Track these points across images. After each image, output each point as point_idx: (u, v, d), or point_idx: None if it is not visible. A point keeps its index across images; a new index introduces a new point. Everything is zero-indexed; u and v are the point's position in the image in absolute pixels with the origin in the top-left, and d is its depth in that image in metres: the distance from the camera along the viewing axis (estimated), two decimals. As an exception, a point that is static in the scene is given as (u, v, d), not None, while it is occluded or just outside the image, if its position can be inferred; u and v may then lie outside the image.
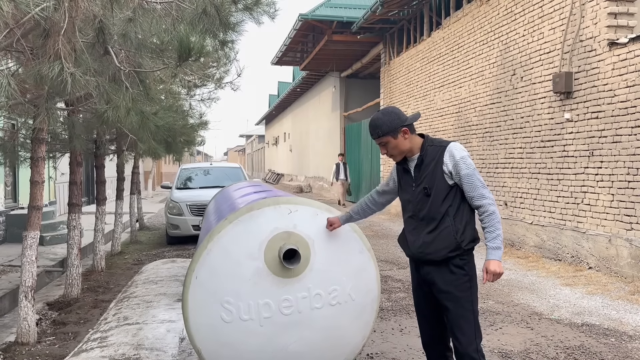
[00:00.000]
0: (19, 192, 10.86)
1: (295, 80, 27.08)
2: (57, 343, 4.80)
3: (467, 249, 2.81)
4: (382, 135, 2.89)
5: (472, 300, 2.83)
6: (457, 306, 2.82)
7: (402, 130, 2.88)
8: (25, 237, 4.80)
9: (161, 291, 5.81)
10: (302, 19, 16.48)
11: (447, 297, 2.84)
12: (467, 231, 2.82)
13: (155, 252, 9.65)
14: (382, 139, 2.90)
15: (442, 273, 2.84)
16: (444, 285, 2.84)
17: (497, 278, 2.74)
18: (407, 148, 2.92)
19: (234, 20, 3.48)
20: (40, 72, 2.95)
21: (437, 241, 2.81)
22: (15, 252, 8.49)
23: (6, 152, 6.71)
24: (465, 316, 2.81)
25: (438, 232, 2.82)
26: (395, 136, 2.88)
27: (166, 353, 4.02)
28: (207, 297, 3.15)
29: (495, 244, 2.75)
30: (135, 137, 5.46)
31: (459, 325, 2.81)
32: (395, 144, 2.90)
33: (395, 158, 2.98)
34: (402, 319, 5.16)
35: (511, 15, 9.13)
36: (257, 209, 3.26)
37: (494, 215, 2.79)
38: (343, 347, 3.43)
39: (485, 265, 2.76)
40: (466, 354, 2.78)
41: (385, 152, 2.96)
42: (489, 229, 2.78)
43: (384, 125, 2.88)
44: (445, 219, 2.81)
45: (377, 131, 2.90)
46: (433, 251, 2.83)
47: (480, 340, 2.85)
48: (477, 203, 2.81)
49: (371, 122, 2.96)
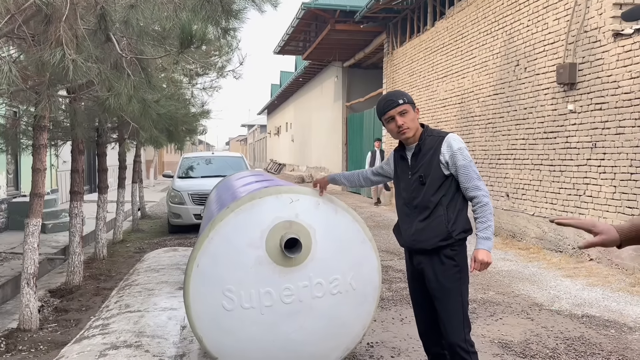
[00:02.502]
0: (20, 180, 10.87)
1: (298, 69, 26.99)
2: (59, 330, 4.83)
3: (458, 239, 2.84)
4: (406, 102, 2.92)
5: (462, 292, 2.87)
6: (446, 296, 2.85)
7: (417, 108, 2.97)
8: (27, 224, 4.81)
9: (163, 279, 5.83)
10: (305, 8, 16.40)
11: (437, 287, 2.87)
12: (459, 221, 2.85)
13: (157, 240, 9.67)
14: (405, 106, 2.91)
15: (433, 263, 2.87)
16: (434, 275, 2.88)
17: (485, 267, 2.78)
18: (416, 127, 2.96)
19: (237, 8, 3.46)
20: (41, 59, 2.94)
21: (429, 229, 2.84)
22: (17, 239, 8.52)
23: (8, 140, 6.71)
24: (454, 307, 2.85)
25: (430, 221, 2.85)
26: (414, 109, 2.95)
27: (167, 340, 4.04)
28: (209, 285, 3.16)
29: (486, 234, 2.78)
30: (137, 125, 5.45)
31: (448, 315, 2.85)
32: (413, 117, 2.94)
33: (409, 132, 2.93)
34: (403, 308, 5.17)
35: (515, 5, 9.06)
36: (259, 198, 3.26)
37: (487, 207, 2.81)
38: (343, 336, 3.45)
39: (474, 254, 2.80)
40: (454, 343, 2.83)
41: (401, 124, 2.90)
42: (480, 219, 2.81)
43: (407, 95, 2.95)
44: (438, 208, 2.84)
45: (403, 98, 2.93)
46: (425, 239, 2.86)
47: (468, 330, 2.89)
48: (472, 194, 2.84)
49: (392, 93, 2.99)
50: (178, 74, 8.24)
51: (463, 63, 11.09)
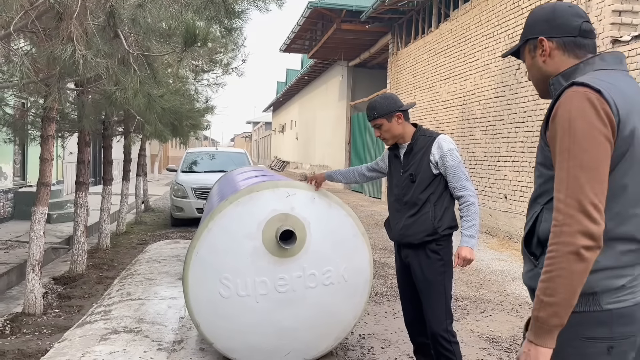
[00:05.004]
0: (27, 170, 11.05)
1: (304, 68, 27.12)
2: (62, 315, 4.98)
3: (443, 234, 2.98)
4: (377, 117, 3.09)
5: (445, 285, 3.01)
6: (430, 289, 3.00)
7: (396, 115, 3.07)
8: (33, 212, 4.97)
9: (164, 270, 5.99)
10: (311, 7, 16.52)
11: (422, 279, 3.02)
12: (445, 218, 2.99)
13: (160, 233, 9.83)
14: (377, 120, 3.09)
15: (419, 257, 3.02)
16: (420, 268, 3.03)
17: (467, 264, 2.94)
18: (399, 133, 3.10)
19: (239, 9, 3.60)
20: (53, 53, 3.09)
21: (416, 225, 2.99)
22: (22, 228, 8.70)
23: (16, 130, 6.88)
24: (437, 299, 2.99)
25: (418, 217, 3.00)
26: (390, 119, 3.08)
27: (167, 327, 4.19)
28: (207, 273, 3.31)
29: (470, 232, 2.93)
30: (142, 118, 5.60)
31: (431, 307, 3.01)
32: (389, 127, 3.08)
33: (387, 142, 3.16)
34: (396, 303, 5.30)
35: (518, 9, 9.17)
36: (257, 191, 3.41)
37: (473, 207, 2.96)
38: (335, 325, 3.59)
39: (457, 251, 2.94)
40: (437, 333, 2.99)
41: (379, 135, 3.14)
42: (466, 218, 2.96)
43: (380, 108, 3.08)
44: (426, 205, 2.99)
45: (373, 113, 3.10)
46: (412, 234, 3.01)
47: (450, 321, 3.03)
48: (459, 193, 2.98)
49: (369, 104, 3.15)
50: (184, 70, 8.39)
51: (466, 65, 11.20)
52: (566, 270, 1.35)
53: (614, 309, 1.44)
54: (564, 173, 1.41)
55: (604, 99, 1.40)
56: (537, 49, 1.65)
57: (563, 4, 1.69)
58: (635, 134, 1.44)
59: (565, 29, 1.61)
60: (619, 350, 1.44)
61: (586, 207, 1.36)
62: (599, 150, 1.39)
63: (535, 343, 1.40)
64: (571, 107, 1.42)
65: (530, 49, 1.68)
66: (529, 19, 1.70)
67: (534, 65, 1.68)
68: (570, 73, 1.58)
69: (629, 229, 1.45)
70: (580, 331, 1.45)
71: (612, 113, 1.40)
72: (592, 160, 1.38)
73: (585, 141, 1.39)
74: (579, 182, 1.38)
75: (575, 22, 1.61)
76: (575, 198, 1.37)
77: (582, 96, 1.42)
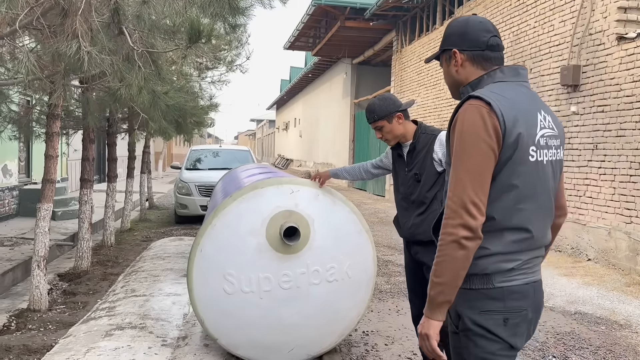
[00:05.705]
0: (32, 167, 11.09)
1: (308, 65, 27.09)
2: (67, 311, 5.01)
3: None
4: (377, 119, 3.08)
5: None
6: None
7: (397, 115, 3.07)
8: (39, 209, 4.99)
9: (168, 267, 6.00)
10: (315, 4, 16.49)
11: None
12: None
13: (164, 230, 9.86)
14: (377, 123, 3.09)
15: (430, 252, 3.00)
16: (431, 263, 2.99)
17: None
18: (400, 133, 3.09)
19: (244, 5, 3.60)
20: (58, 50, 3.10)
21: (425, 223, 2.99)
22: (27, 225, 8.74)
23: (21, 127, 6.90)
24: None
25: (426, 215, 3.00)
26: (390, 120, 3.07)
27: (171, 323, 4.20)
28: (211, 270, 3.32)
29: None
30: (146, 115, 5.61)
31: None
32: (390, 129, 3.08)
33: (390, 142, 3.16)
34: (400, 300, 5.31)
35: (523, 6, 9.14)
36: (261, 188, 3.41)
37: None
38: (338, 322, 3.59)
39: None
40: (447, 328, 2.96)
41: (380, 137, 3.14)
42: None
43: (380, 110, 3.07)
44: (433, 203, 2.98)
45: (373, 115, 3.10)
46: (422, 232, 3.00)
47: None
48: None
49: (367, 107, 3.15)
50: (188, 67, 8.40)
51: (470, 63, 11.16)
52: (450, 256, 1.63)
53: (505, 287, 1.68)
54: (453, 174, 1.65)
55: (493, 111, 1.63)
56: (452, 59, 1.84)
57: (475, 19, 1.85)
58: (519, 140, 1.65)
59: (474, 44, 1.80)
60: (513, 322, 1.70)
61: (467, 204, 1.60)
62: (483, 158, 1.62)
63: (428, 316, 1.70)
64: (464, 119, 1.66)
65: (446, 58, 1.88)
66: (447, 31, 1.88)
67: (449, 73, 1.88)
68: (477, 83, 1.79)
69: (517, 221, 1.68)
70: (479, 305, 1.70)
71: (499, 124, 1.62)
72: (476, 166, 1.62)
73: (471, 149, 1.63)
74: (463, 184, 1.62)
75: (483, 37, 1.79)
76: (459, 197, 1.62)
77: (474, 109, 1.64)
